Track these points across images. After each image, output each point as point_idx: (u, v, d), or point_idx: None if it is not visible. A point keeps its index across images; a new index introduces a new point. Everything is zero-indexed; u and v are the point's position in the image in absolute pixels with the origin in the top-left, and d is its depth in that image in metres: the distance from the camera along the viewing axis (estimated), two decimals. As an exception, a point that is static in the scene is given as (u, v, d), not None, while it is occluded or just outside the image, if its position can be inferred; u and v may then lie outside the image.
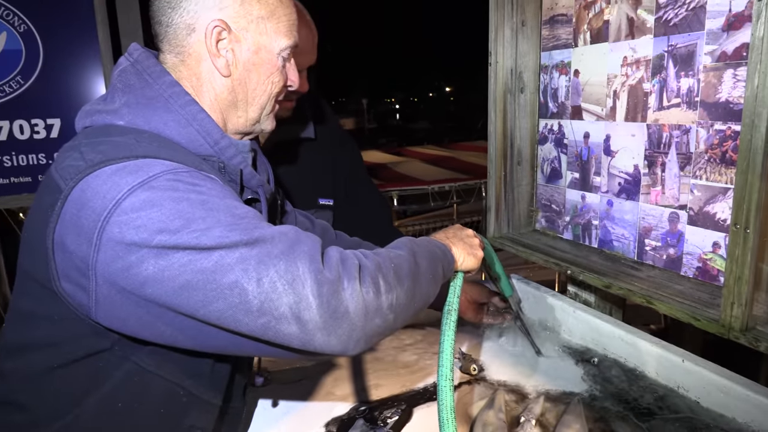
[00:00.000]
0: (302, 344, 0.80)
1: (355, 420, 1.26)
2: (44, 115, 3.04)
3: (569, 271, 1.55)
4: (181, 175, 0.84)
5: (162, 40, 1.00)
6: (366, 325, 0.83)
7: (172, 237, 0.77)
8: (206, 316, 0.79)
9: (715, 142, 1.26)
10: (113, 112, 0.94)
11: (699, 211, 1.32)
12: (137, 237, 0.77)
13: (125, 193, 0.79)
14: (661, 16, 1.35)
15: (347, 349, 0.82)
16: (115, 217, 0.78)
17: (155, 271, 0.77)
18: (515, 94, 1.80)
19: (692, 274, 1.37)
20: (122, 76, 0.98)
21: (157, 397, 0.94)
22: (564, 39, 1.67)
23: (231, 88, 1.01)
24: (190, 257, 0.77)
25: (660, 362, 1.33)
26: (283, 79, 1.07)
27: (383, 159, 6.63)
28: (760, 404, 1.11)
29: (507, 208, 1.87)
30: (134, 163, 0.83)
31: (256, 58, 1.01)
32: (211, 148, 0.97)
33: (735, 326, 1.11)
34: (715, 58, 1.24)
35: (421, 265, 0.97)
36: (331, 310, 0.79)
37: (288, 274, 0.78)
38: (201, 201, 0.81)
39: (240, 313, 0.78)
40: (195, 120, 0.95)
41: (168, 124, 0.94)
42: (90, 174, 0.82)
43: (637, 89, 1.44)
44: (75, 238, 0.81)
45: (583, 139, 1.65)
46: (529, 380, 1.40)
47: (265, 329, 0.79)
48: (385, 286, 0.87)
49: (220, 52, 0.98)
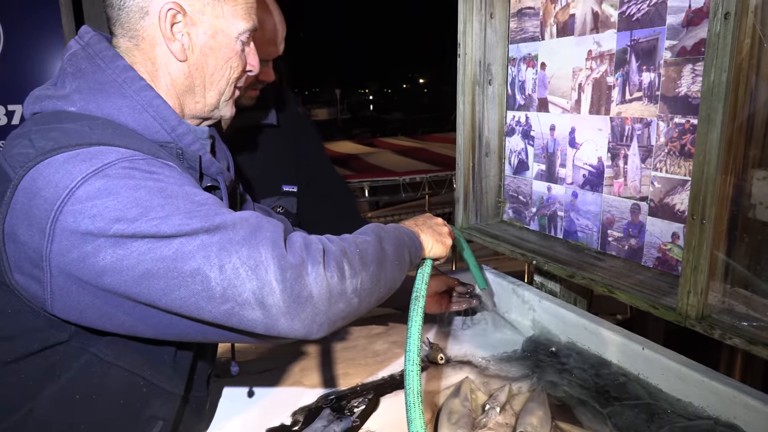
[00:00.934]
0: (266, 329, 0.80)
1: (322, 409, 1.26)
2: (5, 101, 2.97)
3: (534, 262, 1.58)
4: (137, 162, 0.82)
5: (114, 23, 0.97)
6: (329, 309, 0.83)
7: (130, 225, 0.76)
8: (168, 304, 0.78)
9: (675, 135, 1.29)
10: (64, 97, 0.91)
11: (659, 202, 1.36)
12: (93, 226, 0.76)
13: (79, 182, 0.77)
14: (625, 11, 1.37)
15: (310, 332, 0.82)
16: (68, 207, 0.76)
17: (113, 260, 0.76)
18: (484, 86, 1.82)
19: (652, 264, 1.40)
20: (72, 60, 0.94)
21: (116, 388, 0.93)
22: (531, 32, 1.69)
23: (188, 72, 0.99)
24: (150, 245, 0.76)
25: (621, 350, 1.37)
26: (242, 63, 1.04)
27: (355, 150, 6.62)
28: (715, 389, 1.15)
29: (475, 199, 1.89)
30: (87, 151, 0.80)
31: (212, 41, 0.98)
32: (168, 135, 0.95)
33: (691, 314, 1.15)
34: (675, 53, 1.26)
35: (387, 251, 0.97)
36: (295, 294, 0.79)
37: (251, 260, 0.78)
38: (159, 188, 0.80)
39: (203, 300, 0.77)
40: (150, 106, 0.93)
41: (122, 111, 0.91)
42: (41, 162, 0.79)
43: (601, 83, 1.46)
44: (26, 229, 0.78)
45: (549, 132, 1.67)
46: (494, 369, 1.42)
47: (228, 316, 0.78)
48: (350, 270, 0.87)
49: (175, 36, 0.95)
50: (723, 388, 1.14)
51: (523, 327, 1.64)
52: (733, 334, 1.08)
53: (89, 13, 3.03)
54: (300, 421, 1.25)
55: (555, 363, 1.43)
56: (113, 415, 0.94)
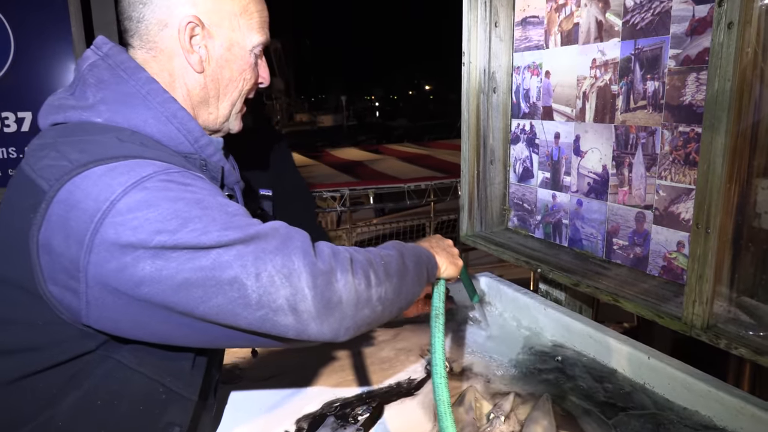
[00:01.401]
0: (297, 334, 0.83)
1: (326, 417, 1.26)
2: (15, 108, 2.99)
3: (539, 270, 1.58)
4: (173, 174, 0.84)
5: (132, 35, 0.98)
6: (356, 314, 0.87)
7: (171, 237, 0.77)
8: (205, 312, 0.80)
9: (680, 144, 1.29)
10: (89, 108, 0.92)
11: (664, 211, 1.35)
12: (134, 238, 0.77)
13: (119, 194, 0.78)
14: (629, 20, 1.37)
15: (338, 336, 0.87)
16: (109, 219, 0.77)
17: (152, 270, 0.77)
18: (488, 94, 1.82)
19: (657, 272, 1.40)
20: (94, 71, 0.95)
21: (136, 395, 0.93)
22: (536, 40, 1.69)
23: (203, 84, 1.01)
24: (189, 256, 0.78)
25: (627, 359, 1.36)
26: (254, 75, 1.06)
27: (360, 156, 6.63)
28: (721, 400, 1.14)
29: (480, 207, 1.89)
30: (124, 164, 0.82)
31: (228, 54, 1.01)
32: (191, 146, 0.97)
33: (696, 324, 1.15)
34: (680, 61, 1.27)
35: (408, 266, 1.02)
36: (325, 300, 0.83)
37: (285, 268, 0.82)
38: (196, 200, 0.82)
39: (239, 307, 0.80)
40: (175, 118, 0.95)
41: (148, 122, 0.92)
42: (78, 175, 0.80)
43: (605, 91, 1.47)
44: (63, 240, 0.78)
45: (553, 140, 1.67)
46: (498, 378, 1.42)
47: (262, 321, 0.81)
48: (375, 279, 0.91)
49: (193, 48, 0.97)
50: (729, 399, 1.13)
51: (528, 335, 1.64)
52: (739, 344, 1.08)
53: (98, 21, 3.05)
54: (304, 428, 1.24)
55: (560, 372, 1.42)
56: (133, 421, 0.94)
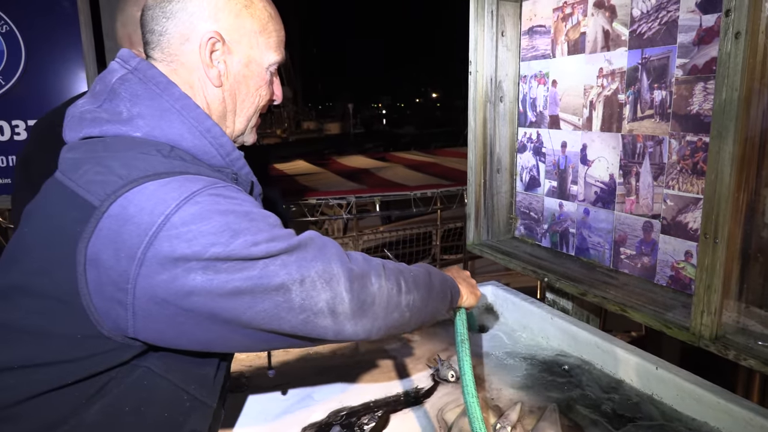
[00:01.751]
0: (335, 334, 0.90)
1: (332, 426, 1.26)
2: (25, 116, 3.02)
3: (546, 279, 1.57)
4: (220, 189, 0.87)
5: (154, 48, 1.00)
6: (387, 316, 0.96)
7: (225, 249, 0.81)
8: (251, 318, 0.84)
9: (687, 153, 1.29)
10: (126, 122, 0.93)
11: (672, 220, 1.35)
12: (189, 250, 0.80)
13: (173, 209, 0.81)
14: (636, 29, 1.37)
15: (371, 335, 0.94)
16: (164, 232, 0.80)
17: (203, 281, 0.80)
18: (495, 103, 1.82)
19: (665, 282, 1.39)
20: (126, 86, 0.96)
21: (162, 402, 0.94)
22: (542, 50, 1.70)
23: (222, 98, 1.03)
24: (239, 266, 0.82)
25: (635, 369, 1.35)
26: (269, 92, 1.09)
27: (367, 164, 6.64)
28: (730, 411, 1.13)
29: (486, 216, 1.89)
30: (175, 179, 0.85)
31: (246, 70, 1.03)
32: (223, 160, 0.99)
33: (705, 334, 1.14)
34: (687, 71, 1.26)
35: (434, 283, 1.11)
36: (360, 302, 0.91)
37: (326, 273, 0.88)
38: (244, 213, 0.86)
39: (284, 311, 0.85)
40: (209, 132, 0.97)
41: (184, 137, 0.95)
42: (130, 190, 0.82)
43: (612, 100, 1.47)
44: (113, 254, 0.80)
45: (560, 148, 1.67)
46: (505, 387, 1.41)
47: (304, 324, 0.87)
48: (405, 287, 1.00)
49: (213, 63, 1.00)
50: (739, 410, 1.12)
51: (535, 345, 1.63)
52: (748, 355, 1.07)
53: (108, 31, 3.08)
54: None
55: (567, 382, 1.41)
56: (158, 429, 0.95)
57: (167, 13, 0.97)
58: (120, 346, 0.86)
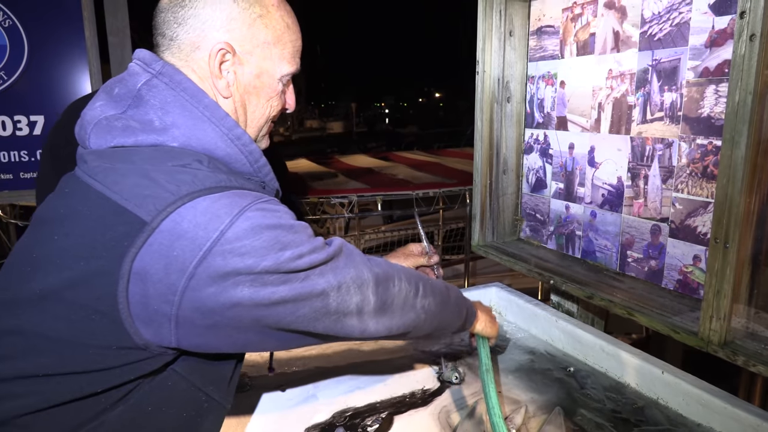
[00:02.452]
0: (360, 332, 0.97)
1: (335, 427, 1.25)
2: (27, 111, 3.01)
3: (552, 281, 1.56)
4: (265, 204, 0.89)
5: (164, 51, 0.98)
6: (404, 315, 1.04)
7: (274, 263, 0.84)
8: (291, 322, 0.89)
9: (697, 157, 1.28)
10: (161, 132, 0.92)
11: (680, 224, 1.34)
12: (242, 264, 0.82)
13: (227, 224, 0.82)
14: (646, 31, 1.36)
15: (390, 332, 1.03)
16: (219, 247, 0.81)
17: (250, 293, 0.83)
18: (502, 104, 1.81)
19: (673, 286, 1.38)
20: (153, 92, 0.94)
21: (182, 402, 0.95)
22: (551, 50, 1.68)
23: (233, 109, 1.02)
24: (284, 278, 0.86)
25: (640, 373, 1.34)
26: (281, 103, 1.08)
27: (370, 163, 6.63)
28: (737, 416, 1.12)
29: (492, 217, 1.88)
30: (226, 195, 0.86)
31: (257, 81, 1.02)
32: (251, 167, 1.00)
33: (714, 340, 1.13)
34: (698, 73, 1.25)
35: (450, 295, 1.18)
36: (382, 302, 0.99)
37: (358, 279, 0.96)
38: (288, 227, 0.89)
39: (321, 314, 0.91)
40: (239, 140, 0.97)
41: (218, 145, 0.95)
42: (183, 206, 0.83)
43: (621, 102, 1.45)
44: (163, 268, 0.81)
45: (567, 150, 1.66)
46: (510, 390, 1.40)
47: (335, 323, 0.93)
48: (423, 291, 1.08)
49: (222, 74, 0.98)
50: (745, 416, 1.11)
51: (540, 348, 1.62)
52: (758, 361, 1.06)
53: (112, 26, 3.07)
54: (313, 438, 1.23)
55: (572, 385, 1.40)
56: (177, 430, 0.96)
57: (179, 18, 0.96)
58: (154, 356, 0.87)
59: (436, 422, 1.27)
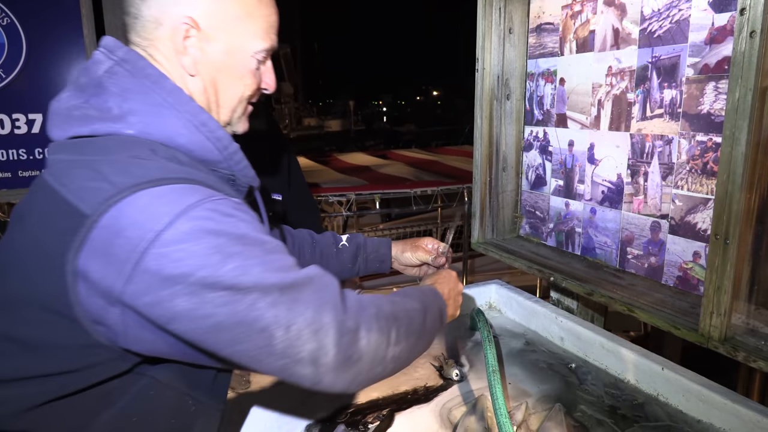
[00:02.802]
0: (312, 384, 0.83)
1: (336, 424, 1.25)
2: (26, 110, 3.00)
3: (552, 278, 1.56)
4: (218, 203, 0.81)
5: (130, 32, 0.94)
6: (370, 371, 0.88)
7: (212, 273, 0.75)
8: (230, 354, 0.79)
9: (697, 153, 1.28)
10: (118, 119, 0.87)
11: (680, 220, 1.34)
12: (176, 271, 0.75)
13: (165, 225, 0.75)
14: (646, 28, 1.36)
15: (349, 389, 0.87)
16: (153, 250, 0.75)
17: (188, 308, 0.75)
18: (501, 101, 1.81)
19: (673, 282, 1.38)
20: (114, 79, 0.90)
21: (169, 409, 0.93)
22: (550, 47, 1.68)
23: (203, 88, 0.97)
24: (226, 298, 0.76)
25: (640, 370, 1.34)
26: (256, 82, 1.01)
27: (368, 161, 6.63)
28: (737, 412, 1.13)
29: (491, 214, 1.88)
30: (170, 190, 0.79)
31: (227, 59, 0.96)
32: (220, 154, 0.93)
33: (714, 335, 1.13)
34: (698, 70, 1.25)
35: (427, 326, 1.02)
36: (346, 357, 0.83)
37: (315, 323, 0.80)
38: (239, 236, 0.80)
39: (263, 354, 0.79)
40: (205, 126, 0.91)
41: (180, 133, 0.89)
42: (122, 200, 0.77)
43: (621, 99, 1.46)
44: (103, 266, 0.76)
45: (567, 147, 1.66)
46: (511, 387, 1.40)
47: (282, 369, 0.81)
48: (395, 337, 0.91)
49: (186, 50, 0.92)
50: (746, 411, 1.11)
51: (540, 344, 1.62)
52: (758, 357, 1.06)
53: (110, 24, 3.06)
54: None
55: (572, 382, 1.41)
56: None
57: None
58: (118, 355, 0.84)
59: (437, 419, 1.27)
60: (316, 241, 1.51)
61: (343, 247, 1.52)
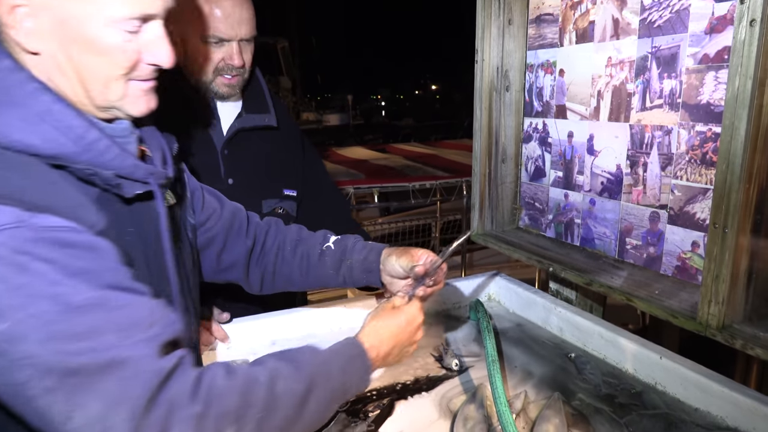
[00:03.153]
0: None
1: (336, 413, 1.26)
2: None
3: (551, 269, 1.57)
4: (23, 231, 0.67)
5: None
6: None
7: None
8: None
9: (696, 143, 1.28)
10: None
11: (679, 210, 1.35)
12: None
13: None
14: (646, 18, 1.36)
15: None
16: None
17: None
18: (501, 93, 1.81)
19: (671, 272, 1.39)
20: None
21: None
22: (550, 38, 1.69)
23: (55, 65, 0.81)
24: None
25: (639, 359, 1.35)
26: (127, 57, 0.84)
27: (366, 155, 6.63)
28: (735, 400, 1.14)
29: (491, 206, 1.89)
30: None
31: (64, 30, 0.79)
32: (75, 145, 0.79)
33: (712, 324, 1.14)
34: (698, 60, 1.26)
35: (306, 412, 0.86)
36: None
37: (99, 423, 0.66)
38: (17, 286, 0.65)
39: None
40: (49, 113, 0.77)
41: (13, 124, 0.75)
42: None
43: (620, 90, 1.46)
44: None
45: (567, 138, 1.66)
46: (510, 376, 1.41)
47: None
48: None
49: (18, 23, 0.78)
50: (743, 399, 1.12)
51: (539, 334, 1.63)
52: (755, 345, 1.07)
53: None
54: (315, 424, 1.24)
55: (571, 371, 1.42)
56: None
57: None
58: None
59: (437, 407, 1.28)
60: (301, 240, 1.33)
61: (327, 249, 1.31)
